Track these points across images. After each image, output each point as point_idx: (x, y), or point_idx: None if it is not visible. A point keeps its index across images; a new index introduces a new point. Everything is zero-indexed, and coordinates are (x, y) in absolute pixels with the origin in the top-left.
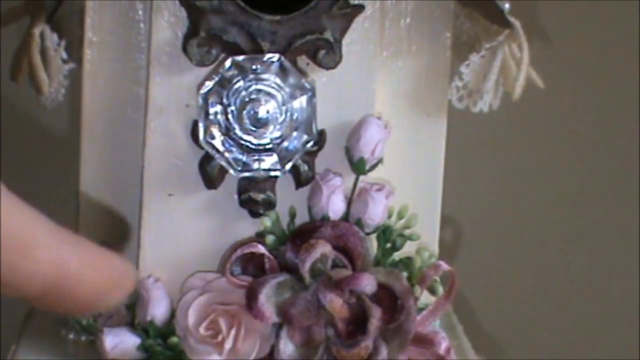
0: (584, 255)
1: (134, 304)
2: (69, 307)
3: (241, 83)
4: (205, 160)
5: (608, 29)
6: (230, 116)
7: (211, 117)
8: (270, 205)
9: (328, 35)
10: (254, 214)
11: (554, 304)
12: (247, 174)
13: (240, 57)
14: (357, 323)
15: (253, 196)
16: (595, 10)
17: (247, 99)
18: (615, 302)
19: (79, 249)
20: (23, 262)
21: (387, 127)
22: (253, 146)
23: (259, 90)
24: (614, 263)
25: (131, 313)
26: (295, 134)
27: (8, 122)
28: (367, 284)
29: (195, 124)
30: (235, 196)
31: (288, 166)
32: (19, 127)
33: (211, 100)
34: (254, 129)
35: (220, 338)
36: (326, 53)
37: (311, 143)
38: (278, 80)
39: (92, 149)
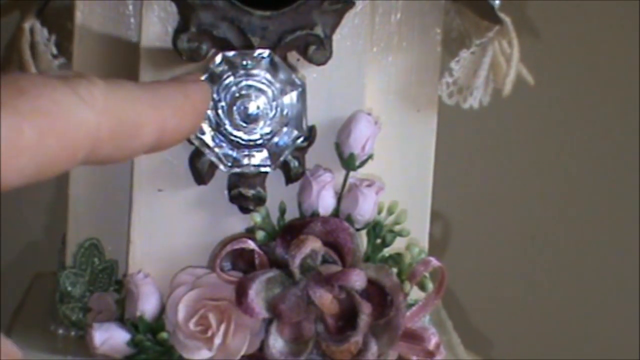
0: (573, 250)
1: (124, 299)
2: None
3: (231, 78)
4: (196, 156)
5: (598, 25)
6: (220, 112)
7: None
8: (260, 201)
9: (318, 31)
10: (244, 210)
11: (543, 300)
12: (237, 170)
13: (231, 53)
14: (347, 319)
15: (243, 192)
16: (585, 7)
17: (237, 95)
18: (604, 297)
19: (171, 100)
20: (132, 143)
21: (377, 123)
22: (243, 142)
23: (249, 86)
24: (604, 258)
25: (121, 308)
26: (285, 129)
27: None
28: (357, 279)
29: None
30: (225, 192)
31: (278, 162)
32: None
33: None
34: (244, 124)
35: (210, 333)
36: (316, 49)
37: (301, 139)
38: (268, 76)
39: None
